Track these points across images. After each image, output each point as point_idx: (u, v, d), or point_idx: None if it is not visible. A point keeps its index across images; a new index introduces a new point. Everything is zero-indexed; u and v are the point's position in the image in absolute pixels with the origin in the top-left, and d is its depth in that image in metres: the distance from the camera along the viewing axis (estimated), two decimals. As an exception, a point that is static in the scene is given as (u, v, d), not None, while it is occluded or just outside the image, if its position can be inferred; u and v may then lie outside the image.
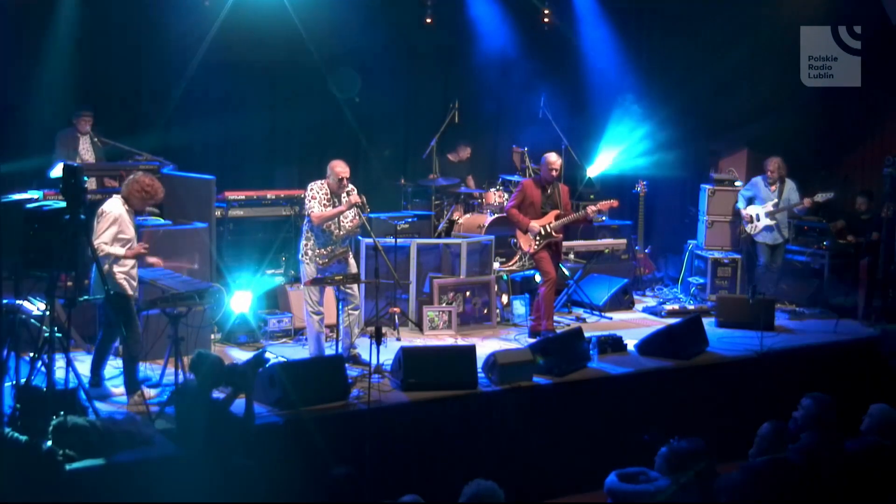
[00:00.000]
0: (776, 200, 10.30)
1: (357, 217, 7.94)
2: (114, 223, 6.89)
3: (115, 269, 6.90)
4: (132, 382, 6.92)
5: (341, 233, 7.92)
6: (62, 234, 6.27)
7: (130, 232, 7.03)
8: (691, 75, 12.01)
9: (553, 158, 8.95)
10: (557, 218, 8.93)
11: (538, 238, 8.86)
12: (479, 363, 7.57)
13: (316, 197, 7.84)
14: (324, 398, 6.89)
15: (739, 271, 10.75)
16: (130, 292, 7.00)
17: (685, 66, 12.15)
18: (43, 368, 6.15)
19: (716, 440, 5.79)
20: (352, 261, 8.09)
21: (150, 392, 6.96)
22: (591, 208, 9.00)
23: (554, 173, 8.92)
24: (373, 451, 6.68)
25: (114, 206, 6.96)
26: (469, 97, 11.69)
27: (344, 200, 7.87)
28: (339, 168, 7.88)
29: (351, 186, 7.97)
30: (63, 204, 6.39)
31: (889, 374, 8.87)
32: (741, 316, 9.32)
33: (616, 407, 7.83)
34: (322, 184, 7.90)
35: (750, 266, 10.69)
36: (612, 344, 8.45)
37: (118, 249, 6.90)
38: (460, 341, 8.78)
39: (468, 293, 9.42)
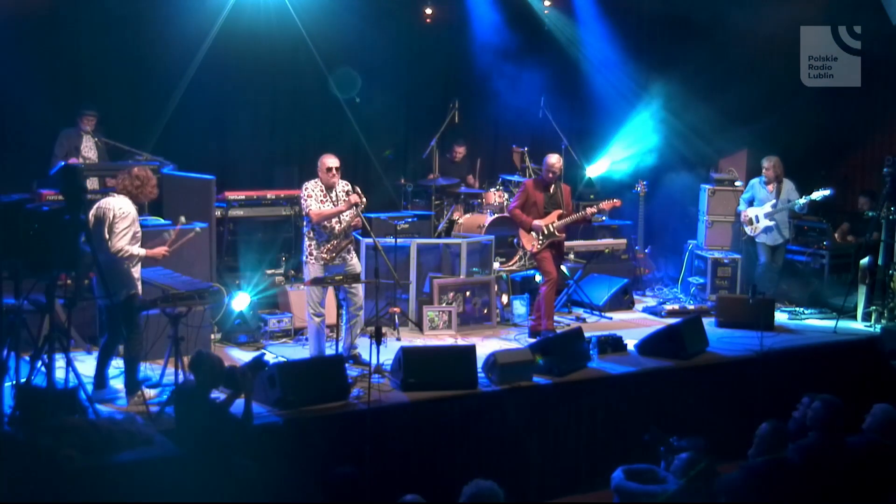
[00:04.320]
0: (774, 201, 10.28)
1: (356, 214, 7.96)
2: (133, 223, 6.87)
3: (132, 269, 6.88)
4: (132, 382, 6.91)
5: (342, 226, 7.93)
6: (62, 234, 6.27)
7: (140, 230, 7.04)
8: (691, 75, 12.01)
9: (552, 161, 8.95)
10: (560, 217, 8.93)
11: (541, 238, 8.86)
12: (479, 363, 7.57)
13: (312, 195, 7.87)
14: (324, 398, 6.89)
15: (739, 271, 10.73)
16: (139, 291, 6.99)
17: (685, 66, 12.15)
18: (43, 368, 6.15)
19: (716, 440, 5.81)
20: (355, 259, 8.10)
21: (150, 392, 6.96)
22: (589, 209, 9.02)
23: (551, 175, 8.94)
24: (373, 451, 6.67)
25: (127, 205, 6.89)
26: (469, 97, 11.69)
27: (340, 194, 7.90)
28: (328, 159, 7.93)
29: (345, 182, 7.99)
30: (63, 204, 6.39)
31: (889, 374, 8.86)
32: (741, 316, 9.31)
33: (616, 407, 7.83)
34: (315, 182, 7.94)
35: (750, 266, 10.68)
36: (612, 344, 8.45)
37: (139, 250, 6.90)
38: (460, 341, 8.79)
39: (468, 293, 9.42)
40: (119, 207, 6.85)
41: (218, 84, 10.49)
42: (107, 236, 6.76)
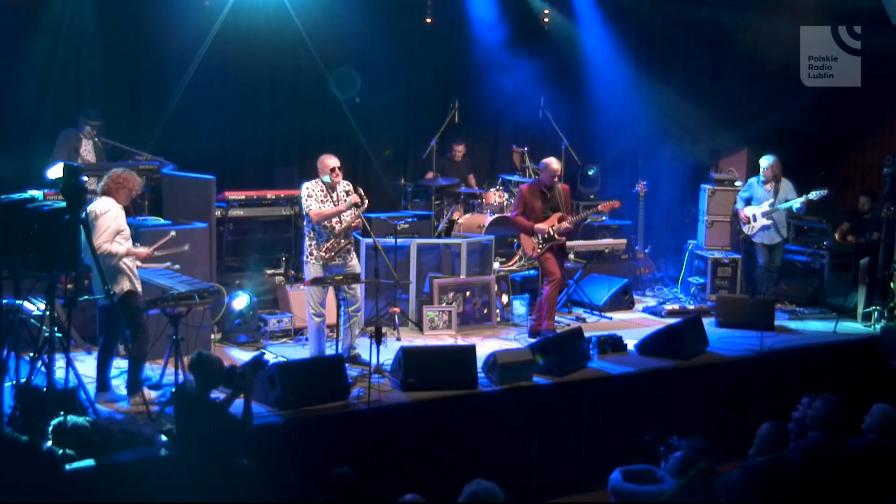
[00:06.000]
0: (772, 200, 10.28)
1: (357, 213, 7.97)
2: (114, 221, 6.86)
3: (121, 265, 6.85)
4: (134, 383, 6.91)
5: (343, 226, 7.93)
6: (62, 234, 6.27)
7: (127, 228, 7.02)
8: (692, 74, 12.01)
9: (554, 165, 8.95)
10: (560, 220, 8.93)
11: (541, 242, 8.86)
12: (479, 363, 7.58)
13: (312, 195, 7.88)
14: (324, 398, 6.89)
15: (739, 271, 10.73)
16: (138, 289, 6.97)
17: (685, 65, 12.15)
18: (43, 368, 6.15)
19: (716, 440, 5.81)
20: (355, 260, 8.10)
21: (150, 393, 6.95)
22: (589, 212, 9.04)
23: (549, 179, 8.94)
24: (373, 451, 6.68)
25: (109, 205, 6.88)
26: (469, 97, 11.69)
27: (342, 194, 7.90)
28: (329, 160, 7.94)
29: (347, 182, 8.00)
30: (63, 204, 6.39)
31: (889, 374, 8.86)
32: (741, 316, 9.31)
33: (616, 407, 7.83)
34: (315, 181, 7.94)
35: (749, 266, 10.68)
36: (612, 344, 8.45)
37: (118, 247, 6.86)
38: (460, 341, 8.79)
39: (468, 293, 9.42)
40: (100, 208, 6.85)
41: (218, 84, 10.49)
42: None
